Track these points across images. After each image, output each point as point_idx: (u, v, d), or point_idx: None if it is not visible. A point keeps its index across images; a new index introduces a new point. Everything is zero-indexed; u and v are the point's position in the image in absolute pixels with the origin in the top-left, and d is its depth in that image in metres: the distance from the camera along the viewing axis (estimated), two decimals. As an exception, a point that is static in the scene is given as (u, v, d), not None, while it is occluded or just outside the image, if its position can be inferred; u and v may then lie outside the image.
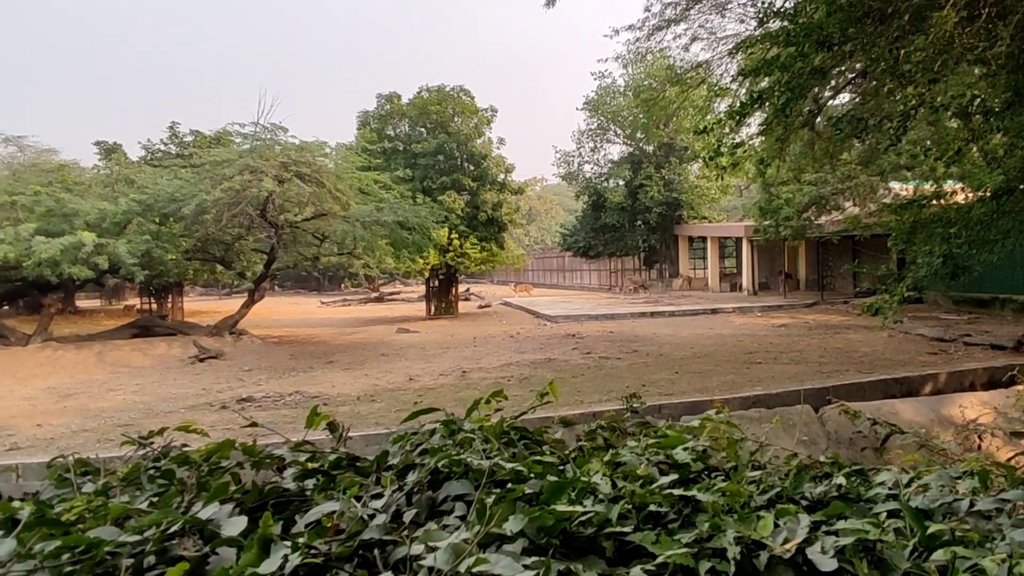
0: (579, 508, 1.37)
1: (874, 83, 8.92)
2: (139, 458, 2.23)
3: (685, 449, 1.83)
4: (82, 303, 29.44)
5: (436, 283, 27.04)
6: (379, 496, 1.75)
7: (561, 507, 1.37)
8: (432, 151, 24.97)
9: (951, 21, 7.15)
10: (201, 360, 14.82)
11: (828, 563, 1.28)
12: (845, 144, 11.87)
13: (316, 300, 39.55)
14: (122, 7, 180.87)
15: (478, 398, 2.69)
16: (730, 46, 13.19)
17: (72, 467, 2.22)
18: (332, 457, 2.16)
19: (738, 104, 8.44)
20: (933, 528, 1.39)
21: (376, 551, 1.45)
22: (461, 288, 31.02)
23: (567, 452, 2.22)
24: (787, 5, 9.29)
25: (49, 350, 15.42)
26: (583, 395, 9.75)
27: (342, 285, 44.97)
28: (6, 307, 18.43)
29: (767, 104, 8.09)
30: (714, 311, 23.41)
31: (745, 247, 29.82)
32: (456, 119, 25.81)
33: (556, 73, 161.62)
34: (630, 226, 36.30)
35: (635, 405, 2.73)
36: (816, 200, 21.17)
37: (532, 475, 1.82)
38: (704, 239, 34.96)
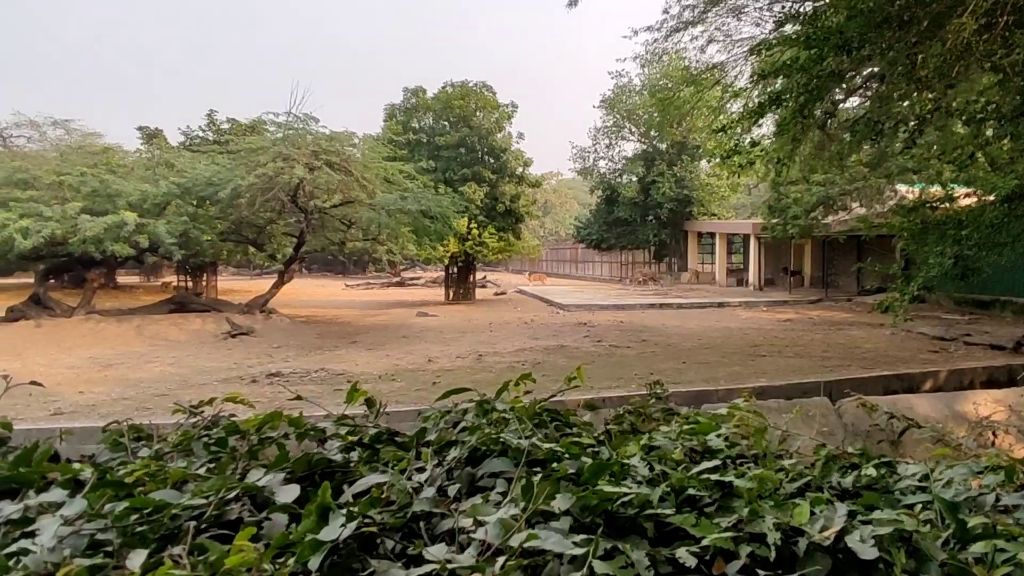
0: (624, 489, 1.35)
1: (887, 87, 8.76)
2: (189, 426, 2.24)
3: (719, 436, 1.80)
4: (122, 279, 29.76)
5: (455, 270, 27.06)
6: (421, 470, 1.74)
7: (607, 488, 1.35)
8: (454, 144, 24.91)
9: (969, 29, 6.99)
10: (233, 336, 14.93)
11: (869, 552, 1.25)
12: (855, 146, 11.70)
13: (341, 283, 39.74)
14: (168, 7, 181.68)
15: (507, 380, 2.67)
16: (745, 48, 13.00)
17: (126, 432, 2.23)
18: (372, 431, 2.16)
19: (755, 104, 8.32)
20: (974, 521, 1.35)
21: (422, 523, 1.45)
22: (478, 276, 31.00)
23: (597, 435, 2.20)
24: (805, 8, 9.13)
25: (92, 322, 15.59)
26: (594, 381, 9.73)
27: (366, 269, 45.11)
28: (52, 281, 18.65)
29: (784, 105, 7.97)
30: (721, 305, 23.23)
31: (753, 244, 29.55)
32: (478, 114, 25.71)
33: (572, 71, 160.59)
34: (641, 220, 36.09)
35: (659, 392, 2.70)
36: (824, 200, 20.91)
37: (568, 456, 1.80)
38: (713, 235, 34.69)
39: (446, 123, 25.74)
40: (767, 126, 12.05)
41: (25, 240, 13.38)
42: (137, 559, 1.11)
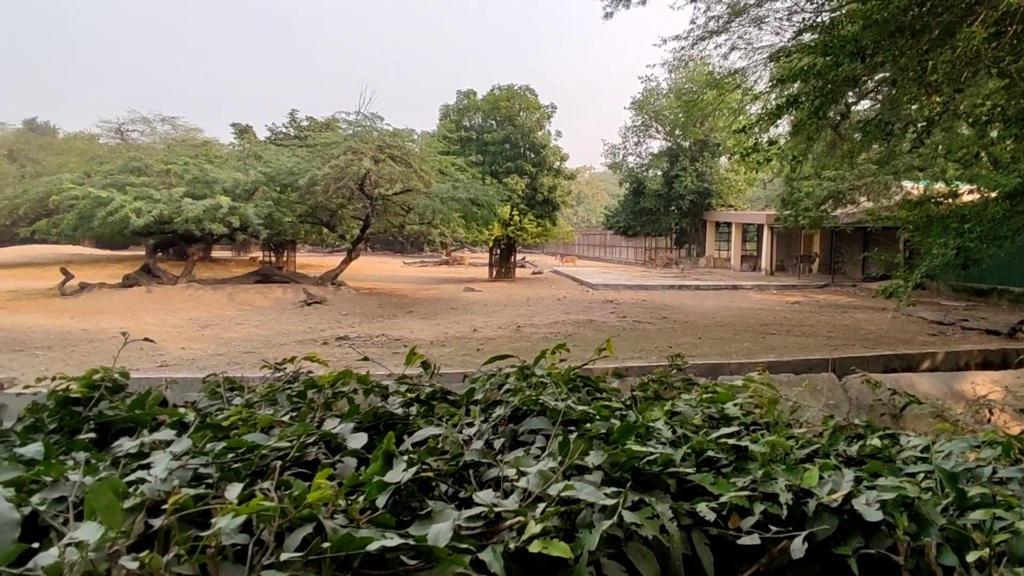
0: (649, 449, 1.33)
1: (898, 91, 8.33)
2: (274, 380, 2.30)
3: (735, 405, 1.76)
4: (216, 253, 30.63)
5: (498, 251, 27.07)
6: (470, 425, 1.76)
7: (636, 447, 1.34)
8: (500, 140, 24.77)
9: (979, 37, 6.57)
10: (308, 304, 15.21)
11: (874, 514, 1.21)
12: (866, 146, 11.20)
13: (399, 261, 40.16)
14: (254, 17, 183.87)
15: (544, 349, 2.66)
16: (765, 55, 12.53)
17: (222, 383, 2.30)
18: (428, 390, 2.18)
19: (774, 106, 8.00)
20: (974, 491, 1.29)
21: (471, 471, 1.46)
22: (518, 257, 30.97)
23: (624, 400, 2.18)
24: (822, 18, 8.71)
25: (192, 289, 16.08)
26: (619, 352, 9.64)
27: (422, 249, 45.48)
28: (160, 254, 19.30)
29: (801, 107, 7.65)
30: (735, 287, 22.71)
31: (766, 233, 28.75)
32: (521, 113, 25.47)
33: (607, 75, 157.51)
34: (665, 210, 35.46)
35: (679, 364, 2.66)
36: (833, 194, 20.15)
37: (598, 417, 1.79)
38: (729, 224, 33.88)
39: (493, 122, 25.59)
40: (783, 126, 11.61)
41: (138, 219, 13.86)
42: (233, 491, 1.15)
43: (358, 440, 1.51)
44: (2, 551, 1.00)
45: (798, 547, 1.14)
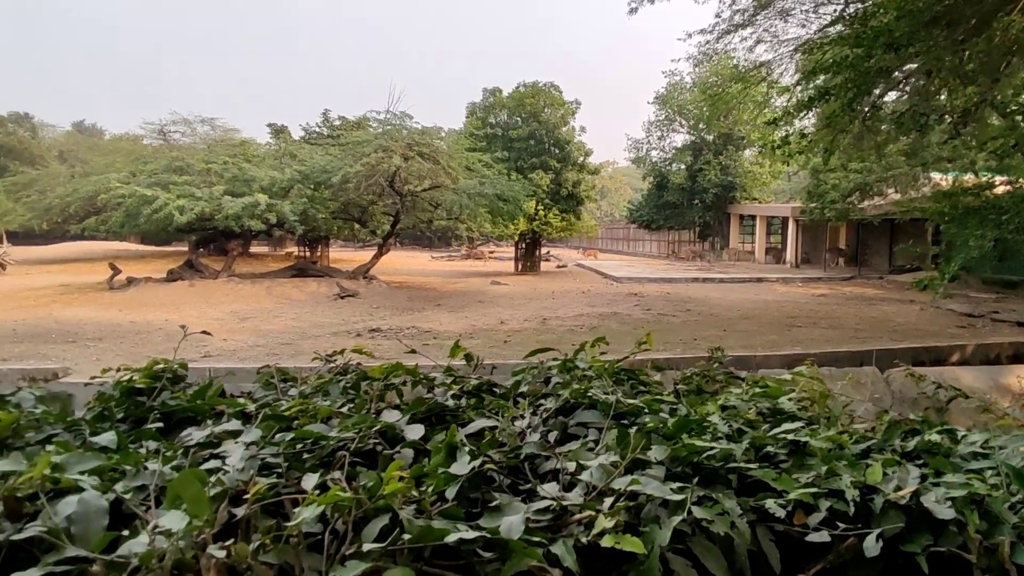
0: (712, 444, 1.30)
1: (934, 82, 8.02)
2: (325, 371, 2.32)
3: (790, 399, 1.72)
4: (254, 249, 31.19)
5: (524, 246, 27.03)
6: (521, 418, 1.74)
7: (698, 442, 1.31)
8: (525, 136, 24.68)
9: (1017, 26, 6.29)
10: (342, 297, 15.39)
11: (945, 512, 1.16)
12: (896, 137, 10.83)
13: (428, 255, 40.39)
14: (286, 31, 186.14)
15: (584, 341, 2.63)
16: (791, 48, 12.20)
17: (275, 374, 2.33)
18: (474, 382, 2.17)
19: (804, 98, 7.78)
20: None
21: (526, 463, 1.44)
22: (543, 251, 30.87)
23: (668, 393, 2.14)
24: (852, 10, 8.43)
25: (232, 283, 16.38)
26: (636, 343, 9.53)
27: (450, 244, 45.67)
28: (202, 249, 19.73)
29: (832, 99, 7.42)
30: (759, 280, 22.32)
31: (791, 225, 28.17)
32: (546, 110, 25.33)
33: (627, 71, 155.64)
34: (688, 204, 34.95)
35: (720, 357, 2.60)
36: (860, 187, 19.57)
37: (647, 410, 1.76)
38: (754, 217, 33.26)
39: (518, 118, 25.50)
40: (809, 118, 11.30)
41: (181, 216, 14.16)
42: (309, 481, 1.15)
43: (415, 431, 1.50)
44: (95, 538, 1.02)
45: (872, 545, 1.10)
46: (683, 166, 35.79)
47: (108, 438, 1.58)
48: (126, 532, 1.04)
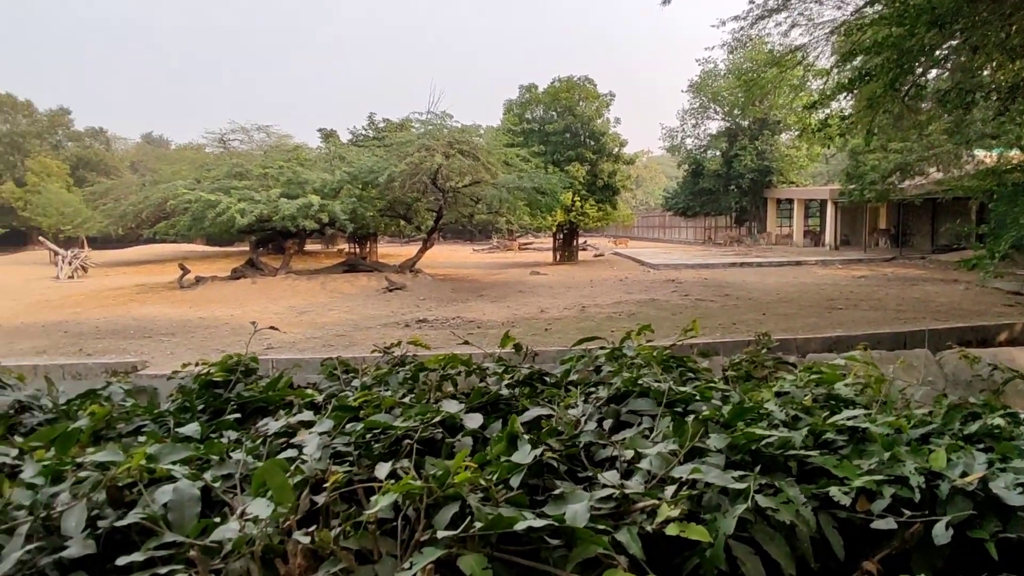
0: (772, 432, 1.26)
1: (979, 58, 7.50)
2: (383, 362, 2.36)
3: (846, 385, 1.65)
4: (308, 247, 32.00)
5: (561, 236, 26.86)
6: (573, 407, 1.73)
7: (757, 430, 1.27)
8: (561, 130, 24.45)
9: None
10: (390, 290, 15.62)
11: (1016, 498, 1.09)
12: (936, 115, 10.20)
13: (469, 248, 40.63)
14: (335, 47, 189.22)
15: (629, 329, 2.59)
16: (827, 30, 11.64)
17: (338, 366, 2.38)
18: (526, 371, 2.17)
19: (844, 80, 7.41)
20: None
21: (582, 451, 1.43)
22: (580, 240, 30.61)
23: (717, 380, 2.09)
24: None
25: (289, 280, 16.86)
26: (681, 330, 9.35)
27: (490, 237, 45.76)
28: (261, 249, 20.38)
29: (874, 79, 7.03)
30: (798, 263, 21.56)
31: (830, 208, 27.10)
32: (581, 104, 25.01)
33: (660, 61, 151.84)
34: (724, 190, 33.98)
35: (768, 343, 2.52)
36: (901, 166, 18.61)
37: (699, 398, 1.72)
38: (791, 201, 32.11)
39: (554, 113, 25.27)
40: (846, 100, 10.79)
41: (242, 218, 14.65)
42: (382, 470, 1.17)
43: (474, 420, 1.51)
44: (190, 524, 1.06)
45: (941, 533, 1.04)
46: (718, 152, 34.80)
47: (192, 428, 1.65)
48: (217, 519, 1.08)
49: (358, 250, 25.46)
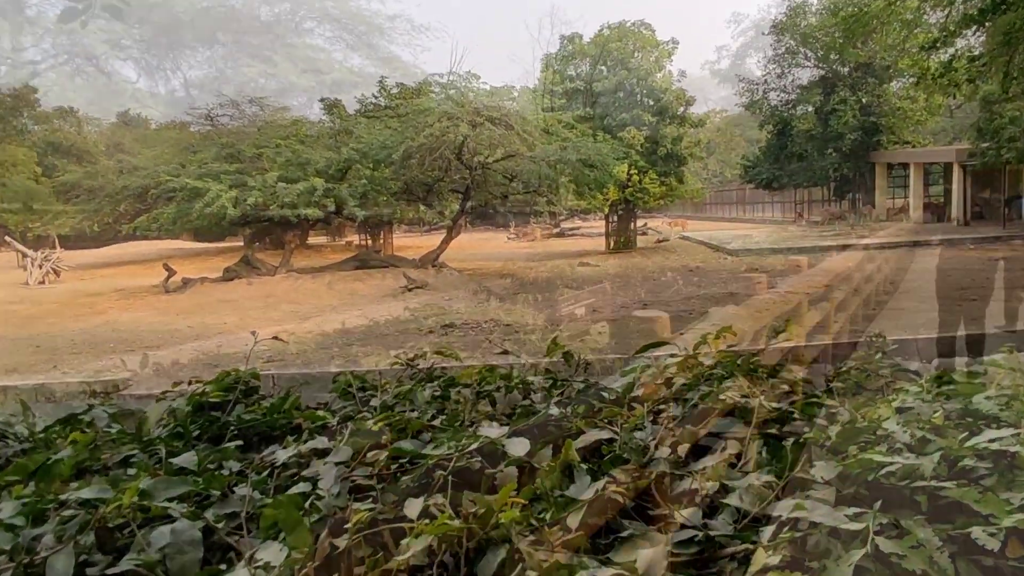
0: (895, 459, 1.22)
1: None
2: (407, 377, 2.39)
3: (988, 398, 1.58)
4: (311, 239, 32.66)
5: (615, 218, 26.64)
6: (640, 428, 1.71)
7: (876, 456, 1.23)
8: (612, 88, 24.27)
9: None
10: (409, 289, 15.78)
11: None
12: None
13: (503, 235, 40.73)
14: None
15: (706, 333, 2.55)
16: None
17: (352, 381, 2.43)
18: (579, 385, 2.16)
19: (974, 10, 7.09)
20: None
21: (653, 484, 1.41)
22: (638, 223, 30.33)
23: (820, 393, 2.04)
24: None
25: (291, 279, 17.23)
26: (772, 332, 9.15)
27: (527, 222, 45.81)
28: (257, 244, 20.95)
29: (1011, 8, 6.70)
30: (915, 244, 20.84)
31: (956, 173, 26.01)
32: (636, 55, 24.79)
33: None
34: (819, 154, 33.02)
35: (881, 345, 2.44)
36: (1051, 118, 17.76)
37: (796, 416, 1.68)
38: (906, 166, 31.00)
39: (603, 68, 25.09)
40: (975, 37, 10.35)
41: (234, 209, 15.09)
42: (414, 508, 1.19)
43: (519, 447, 1.51)
44: (191, 571, 1.11)
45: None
46: (811, 108, 33.81)
47: (188, 458, 1.71)
48: (223, 567, 1.12)
49: (370, 242, 25.84)
